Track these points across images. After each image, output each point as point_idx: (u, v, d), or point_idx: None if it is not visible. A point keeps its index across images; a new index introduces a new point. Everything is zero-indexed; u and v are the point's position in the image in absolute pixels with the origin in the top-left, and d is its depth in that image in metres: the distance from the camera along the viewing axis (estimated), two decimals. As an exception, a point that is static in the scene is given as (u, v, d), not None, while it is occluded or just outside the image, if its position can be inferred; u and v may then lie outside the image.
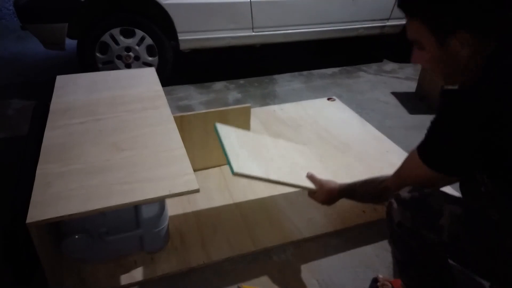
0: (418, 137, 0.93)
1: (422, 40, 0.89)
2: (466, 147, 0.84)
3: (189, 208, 1.56)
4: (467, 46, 0.84)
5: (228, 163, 1.17)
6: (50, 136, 1.33)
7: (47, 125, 1.39)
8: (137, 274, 1.27)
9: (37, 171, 1.16)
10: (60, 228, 1.19)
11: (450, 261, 0.99)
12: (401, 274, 1.09)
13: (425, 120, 2.25)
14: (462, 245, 0.87)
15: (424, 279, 1.03)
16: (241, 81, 2.91)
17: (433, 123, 0.88)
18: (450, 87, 0.92)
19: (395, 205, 0.94)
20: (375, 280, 1.24)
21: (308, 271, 1.32)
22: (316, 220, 1.51)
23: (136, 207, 1.23)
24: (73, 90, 1.65)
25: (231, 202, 1.61)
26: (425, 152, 0.91)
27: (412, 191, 0.93)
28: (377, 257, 1.38)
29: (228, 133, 1.34)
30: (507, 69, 0.80)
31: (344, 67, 3.21)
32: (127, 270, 1.28)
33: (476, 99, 0.80)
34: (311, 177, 1.33)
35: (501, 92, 0.78)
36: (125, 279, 1.26)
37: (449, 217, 0.87)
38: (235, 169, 1.14)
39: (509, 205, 0.87)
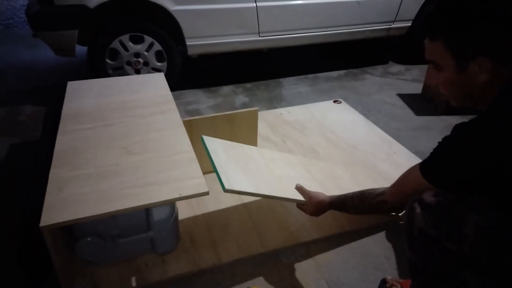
0: (424, 138, 0.94)
1: (441, 62, 0.90)
2: (469, 171, 0.85)
3: (198, 211, 1.58)
4: (485, 72, 0.85)
5: (219, 179, 1.18)
6: (62, 140, 1.36)
7: (59, 130, 1.42)
8: (148, 276, 1.29)
9: (50, 175, 1.19)
10: (72, 231, 1.22)
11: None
12: (413, 277, 1.08)
13: (431, 121, 2.28)
14: (482, 259, 0.86)
15: (437, 286, 1.02)
16: (248, 85, 2.94)
17: (440, 144, 0.90)
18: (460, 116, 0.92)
19: (418, 209, 0.92)
20: (383, 282, 1.25)
21: (317, 272, 1.32)
22: (324, 221, 1.51)
23: (147, 210, 1.25)
24: (83, 96, 1.68)
25: (239, 204, 1.62)
26: (429, 169, 0.92)
27: (437, 196, 0.90)
28: (386, 259, 1.38)
29: (215, 147, 1.36)
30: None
31: (350, 70, 3.22)
32: (138, 272, 1.30)
33: (484, 130, 0.82)
34: (299, 189, 1.36)
35: (509, 125, 0.79)
36: (136, 281, 1.28)
37: (473, 227, 0.85)
38: (226, 187, 1.15)
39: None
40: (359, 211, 1.19)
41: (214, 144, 1.37)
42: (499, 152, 0.81)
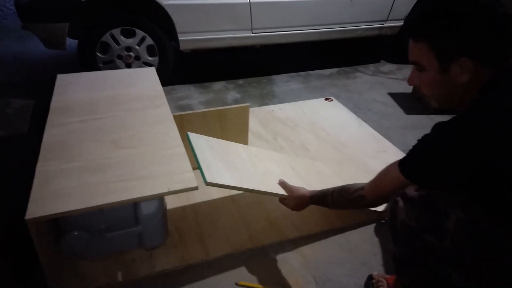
0: (414, 136, 0.95)
1: (424, 63, 0.92)
2: (447, 169, 0.87)
3: (187, 205, 1.58)
4: (467, 72, 0.88)
5: (201, 172, 1.19)
6: (50, 134, 1.35)
7: (47, 123, 1.40)
8: (136, 271, 1.29)
9: (37, 168, 1.17)
10: (59, 224, 1.21)
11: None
12: (397, 271, 1.10)
13: (421, 120, 2.30)
14: (462, 253, 0.87)
15: (421, 279, 1.03)
16: (240, 81, 2.93)
17: (419, 141, 0.92)
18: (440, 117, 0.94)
19: (401, 203, 0.94)
20: (370, 277, 1.26)
21: (305, 268, 1.33)
22: (313, 217, 1.52)
23: (135, 204, 1.24)
24: (73, 89, 1.66)
25: (229, 199, 1.62)
26: (407, 166, 0.95)
27: (420, 190, 0.92)
28: (373, 255, 1.39)
29: (200, 143, 1.36)
30: (497, 101, 0.84)
31: (342, 68, 3.23)
32: (126, 266, 1.30)
33: (462, 128, 0.84)
34: (282, 184, 1.37)
35: (488, 123, 0.82)
36: (123, 275, 1.27)
37: (454, 221, 0.87)
38: (208, 179, 1.16)
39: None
40: (338, 205, 1.20)
41: (199, 141, 1.38)
42: (477, 150, 0.82)
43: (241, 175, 1.34)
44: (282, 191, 1.36)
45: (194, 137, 1.38)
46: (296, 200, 1.33)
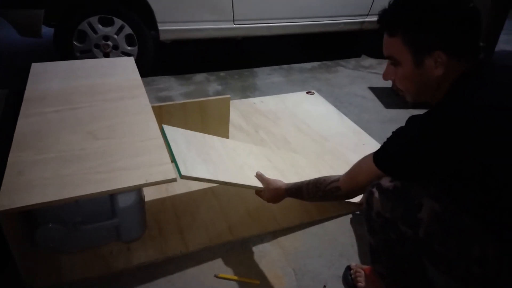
0: (393, 130, 0.96)
1: (399, 57, 0.93)
2: (420, 160, 0.89)
3: (167, 197, 1.56)
4: (440, 66, 0.89)
5: (176, 166, 1.17)
6: (24, 124, 1.30)
7: (20, 113, 1.36)
8: (113, 264, 1.27)
9: (9, 159, 1.13)
10: (34, 217, 1.17)
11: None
12: (373, 261, 1.12)
13: (400, 114, 2.34)
14: (435, 243, 0.89)
15: (396, 269, 1.06)
16: (222, 73, 2.91)
17: (393, 134, 0.94)
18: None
19: (376, 194, 0.95)
20: (348, 268, 1.27)
21: (285, 260, 1.34)
22: (293, 210, 1.53)
23: (111, 196, 1.22)
24: (48, 78, 1.61)
25: (209, 191, 1.61)
26: (381, 158, 0.96)
27: (394, 181, 0.94)
28: (351, 247, 1.41)
29: (175, 136, 1.35)
30: (468, 94, 0.86)
31: (324, 62, 3.24)
32: (103, 259, 1.28)
33: (435, 121, 0.86)
34: (259, 176, 1.38)
35: (459, 115, 0.83)
36: (101, 268, 1.25)
37: (428, 212, 0.88)
38: (182, 173, 1.15)
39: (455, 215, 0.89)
40: (313, 197, 1.21)
41: (174, 134, 1.36)
42: (448, 142, 0.84)
43: (217, 168, 1.33)
44: (258, 184, 1.36)
45: (169, 130, 1.36)
46: (272, 192, 1.33)
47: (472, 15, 0.88)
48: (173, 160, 1.20)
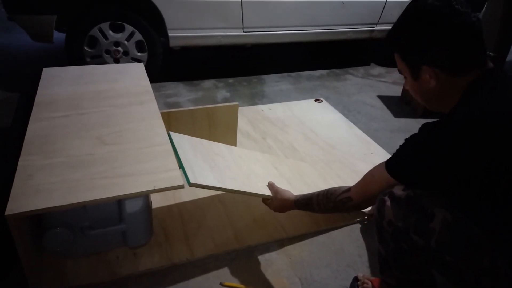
0: (402, 140, 0.96)
1: (403, 71, 1.01)
2: (433, 169, 0.89)
3: (173, 204, 1.56)
4: (434, 79, 0.93)
5: (184, 174, 1.17)
6: (34, 128, 1.32)
7: (31, 117, 1.37)
8: (119, 269, 1.26)
9: (19, 163, 1.14)
10: (41, 221, 1.18)
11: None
12: (382, 271, 1.10)
13: (409, 124, 2.32)
14: (446, 254, 0.88)
15: (406, 279, 1.04)
16: (230, 80, 2.92)
17: (406, 141, 0.95)
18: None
19: (388, 202, 0.95)
20: (355, 279, 1.26)
21: (291, 269, 1.33)
22: (300, 218, 1.52)
23: (119, 202, 1.22)
24: (58, 83, 1.63)
25: (215, 199, 1.61)
26: (394, 166, 0.97)
27: (407, 189, 0.93)
28: (359, 257, 1.39)
29: (182, 143, 1.35)
30: (478, 103, 0.87)
31: (332, 70, 3.24)
32: (109, 265, 1.27)
33: (447, 130, 0.87)
34: (271, 186, 1.39)
35: (470, 124, 0.85)
36: (106, 274, 1.25)
37: (440, 222, 0.88)
38: (191, 180, 1.15)
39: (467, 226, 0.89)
40: (323, 208, 1.20)
41: (181, 141, 1.36)
42: (461, 150, 0.84)
43: (224, 175, 1.32)
44: (266, 192, 1.36)
45: (176, 136, 1.36)
46: (279, 203, 1.33)
47: (461, 31, 0.88)
48: (181, 167, 1.20)
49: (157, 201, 1.53)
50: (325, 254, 1.40)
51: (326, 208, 1.19)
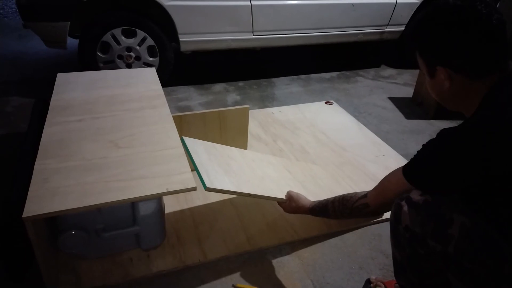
0: (413, 141, 0.96)
1: (422, 69, 1.00)
2: (452, 176, 0.88)
3: (186, 206, 1.57)
4: (449, 80, 0.92)
5: (200, 178, 1.19)
6: (49, 132, 1.34)
7: (46, 122, 1.40)
8: (133, 271, 1.28)
9: (35, 167, 1.17)
10: (56, 223, 1.20)
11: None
12: (397, 275, 1.09)
13: (421, 125, 2.30)
14: (464, 259, 0.87)
15: (420, 284, 1.02)
16: (241, 84, 2.93)
17: (424, 147, 0.93)
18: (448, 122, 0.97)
19: (405, 207, 0.93)
20: (368, 282, 1.25)
21: (303, 272, 1.32)
22: (312, 221, 1.51)
23: (133, 204, 1.24)
24: (72, 88, 1.66)
25: (227, 202, 1.62)
26: (412, 172, 0.95)
27: (424, 194, 0.92)
28: (371, 259, 1.38)
29: (196, 147, 1.36)
30: (498, 108, 0.85)
31: (343, 72, 3.23)
32: (123, 266, 1.29)
33: (467, 136, 0.85)
34: (289, 192, 1.39)
35: (491, 131, 0.83)
36: (120, 275, 1.26)
37: (459, 228, 0.86)
38: (208, 185, 1.16)
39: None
40: (340, 214, 1.20)
41: (195, 145, 1.37)
42: (480, 158, 0.83)
43: (239, 179, 1.33)
44: (280, 196, 1.37)
45: (189, 141, 1.37)
46: (293, 209, 1.36)
47: (480, 34, 0.86)
48: (196, 171, 1.21)
49: (169, 204, 1.55)
50: (337, 256, 1.39)
51: (343, 214, 1.19)
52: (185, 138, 1.37)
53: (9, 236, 1.17)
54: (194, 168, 1.23)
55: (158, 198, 1.27)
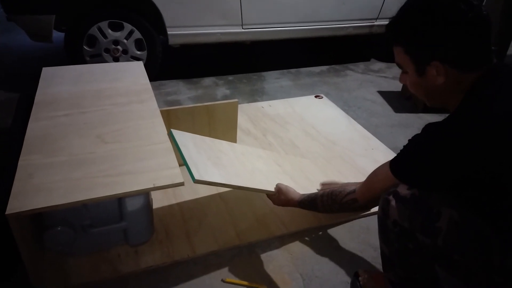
0: (402, 135, 0.96)
1: (405, 65, 0.96)
2: (437, 170, 0.88)
3: (174, 202, 1.56)
4: (442, 75, 0.89)
5: (189, 171, 1.17)
6: (34, 127, 1.32)
7: (31, 117, 1.37)
8: (121, 267, 1.27)
9: (19, 162, 1.15)
10: (42, 220, 1.18)
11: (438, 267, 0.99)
12: (385, 269, 1.10)
13: (410, 119, 2.32)
14: (453, 252, 0.88)
15: (409, 278, 1.03)
16: (230, 78, 2.91)
17: (410, 142, 0.93)
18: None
19: (393, 202, 0.93)
20: (357, 274, 1.26)
21: (292, 265, 1.33)
22: (301, 214, 1.52)
23: (120, 200, 1.22)
24: (58, 82, 1.63)
25: (216, 196, 1.61)
26: (398, 166, 0.95)
27: (411, 188, 0.92)
28: (360, 252, 1.39)
29: (185, 140, 1.35)
30: (483, 102, 0.85)
31: (332, 66, 3.23)
32: (111, 263, 1.28)
33: (451, 130, 0.85)
34: (278, 185, 1.38)
35: (475, 125, 0.83)
36: (108, 272, 1.25)
37: (447, 221, 0.87)
38: (196, 177, 1.15)
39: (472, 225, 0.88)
40: (329, 209, 1.20)
41: (183, 138, 1.36)
42: (467, 151, 0.83)
43: (229, 172, 1.33)
44: (270, 188, 1.37)
45: (178, 134, 1.36)
46: (283, 201, 1.36)
47: (475, 25, 0.85)
48: (185, 164, 1.20)
49: (157, 199, 1.54)
50: (326, 250, 1.40)
51: (332, 209, 1.19)
52: (173, 130, 1.36)
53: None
54: (182, 161, 1.22)
55: (145, 194, 1.26)
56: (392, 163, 0.97)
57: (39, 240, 1.18)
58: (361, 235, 1.47)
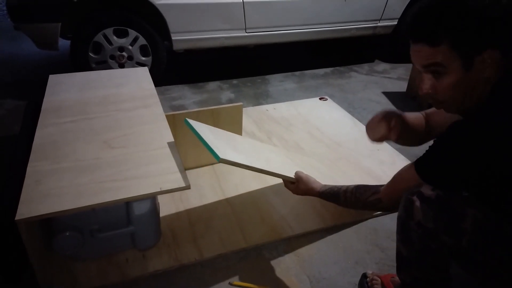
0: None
1: (446, 64, 0.87)
2: (466, 171, 0.86)
3: (181, 206, 1.57)
4: (489, 66, 0.84)
5: (211, 151, 1.14)
6: (42, 134, 1.34)
7: (38, 123, 1.39)
8: (129, 271, 1.27)
9: (28, 169, 1.16)
10: (51, 225, 1.19)
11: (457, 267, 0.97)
12: (400, 270, 1.06)
13: (415, 119, 2.29)
14: (477, 252, 0.87)
15: (423, 279, 1.02)
16: (234, 81, 2.93)
17: (436, 142, 0.90)
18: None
19: (417, 203, 0.91)
20: (364, 276, 1.25)
21: (299, 267, 1.33)
22: (307, 216, 1.52)
23: (127, 204, 1.23)
24: (65, 89, 1.65)
25: (223, 199, 1.62)
26: (425, 169, 0.93)
27: (436, 190, 0.90)
28: (367, 254, 1.39)
29: (202, 127, 1.33)
30: (508, 103, 0.81)
31: (336, 68, 3.23)
32: (119, 267, 1.29)
33: (480, 130, 0.82)
34: (297, 173, 1.34)
35: (505, 124, 0.79)
36: (116, 276, 1.26)
37: (471, 222, 0.86)
38: (221, 156, 1.12)
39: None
40: (351, 205, 1.17)
41: (200, 126, 1.33)
42: (494, 152, 0.81)
43: (248, 156, 1.30)
44: (290, 175, 1.33)
45: (194, 122, 1.33)
46: (303, 191, 1.31)
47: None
48: (205, 146, 1.17)
49: (164, 204, 1.55)
50: (333, 251, 1.40)
51: (354, 206, 1.17)
52: (189, 120, 1.34)
53: (4, 238, 1.16)
54: (202, 143, 1.18)
55: (152, 198, 1.27)
56: (417, 164, 0.94)
57: (48, 244, 1.20)
58: (368, 237, 1.46)
